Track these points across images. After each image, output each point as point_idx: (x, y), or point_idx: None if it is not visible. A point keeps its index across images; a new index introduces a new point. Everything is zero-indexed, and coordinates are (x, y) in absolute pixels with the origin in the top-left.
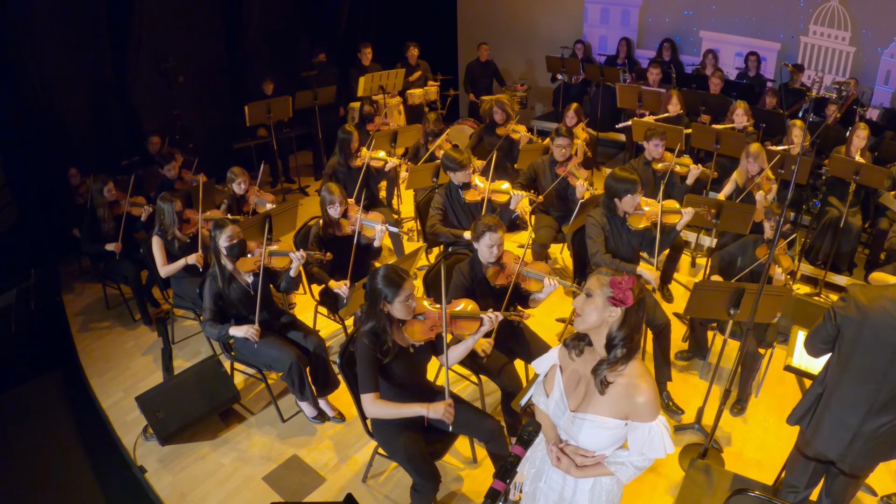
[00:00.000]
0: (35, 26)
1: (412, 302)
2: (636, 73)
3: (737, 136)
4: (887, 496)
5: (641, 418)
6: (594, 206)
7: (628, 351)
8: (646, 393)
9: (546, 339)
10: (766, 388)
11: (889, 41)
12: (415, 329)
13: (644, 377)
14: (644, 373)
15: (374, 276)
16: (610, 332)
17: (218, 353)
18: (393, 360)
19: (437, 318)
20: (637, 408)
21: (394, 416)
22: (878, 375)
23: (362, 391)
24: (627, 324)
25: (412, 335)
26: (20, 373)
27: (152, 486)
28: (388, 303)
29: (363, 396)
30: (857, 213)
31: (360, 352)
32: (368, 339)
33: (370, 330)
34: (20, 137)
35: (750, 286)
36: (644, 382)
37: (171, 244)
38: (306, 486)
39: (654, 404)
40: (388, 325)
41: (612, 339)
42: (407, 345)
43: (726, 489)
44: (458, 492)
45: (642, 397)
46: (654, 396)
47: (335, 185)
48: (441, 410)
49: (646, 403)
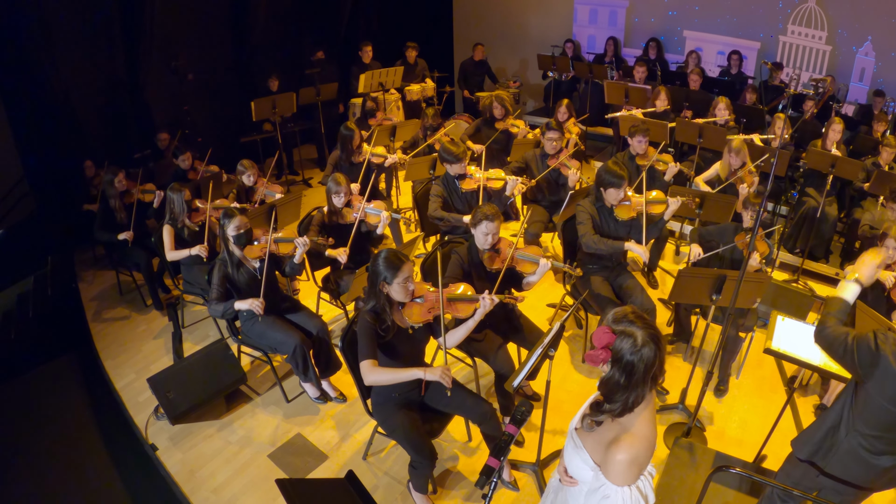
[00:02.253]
0: (53, 28)
1: (410, 284)
2: (623, 70)
3: (719, 130)
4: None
5: (609, 476)
6: (583, 197)
7: (622, 410)
8: (626, 453)
9: (538, 323)
10: (746, 370)
11: (863, 40)
12: (413, 311)
13: (635, 437)
14: (640, 432)
15: (376, 258)
16: (604, 378)
17: (225, 336)
18: (393, 339)
19: (434, 301)
20: (611, 463)
21: (391, 381)
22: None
23: (361, 359)
24: (618, 383)
25: (410, 317)
26: (38, 355)
27: (163, 462)
28: (388, 284)
29: (361, 364)
30: (833, 203)
31: (361, 326)
32: (370, 316)
33: (371, 309)
34: (38, 132)
35: (731, 273)
36: (630, 444)
37: (180, 232)
38: (309, 463)
39: (626, 469)
40: (388, 305)
41: (606, 388)
42: (406, 326)
43: (709, 466)
44: (454, 469)
45: (620, 455)
46: (631, 463)
47: (342, 175)
48: (438, 373)
49: (620, 463)
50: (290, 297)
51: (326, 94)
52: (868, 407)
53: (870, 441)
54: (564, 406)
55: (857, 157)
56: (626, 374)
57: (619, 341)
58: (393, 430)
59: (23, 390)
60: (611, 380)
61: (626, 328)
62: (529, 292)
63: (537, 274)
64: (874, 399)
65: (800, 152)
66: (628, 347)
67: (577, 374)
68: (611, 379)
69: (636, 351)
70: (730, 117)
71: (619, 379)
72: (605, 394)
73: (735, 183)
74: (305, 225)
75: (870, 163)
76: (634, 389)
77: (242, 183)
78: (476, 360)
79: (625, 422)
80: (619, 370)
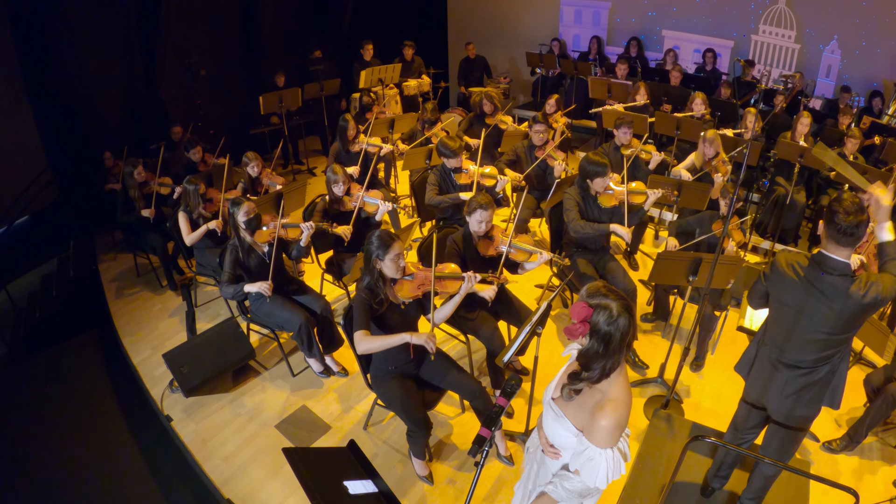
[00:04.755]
0: (75, 29)
1: (401, 262)
2: (606, 67)
3: (695, 123)
4: (829, 442)
5: (593, 439)
6: (569, 185)
7: (599, 376)
8: (609, 418)
9: (526, 302)
10: (720, 347)
11: (829, 39)
12: (404, 287)
13: (617, 403)
14: (620, 398)
15: (370, 238)
16: (583, 350)
17: (235, 315)
18: (387, 313)
19: (423, 279)
20: (596, 429)
21: (381, 347)
22: (785, 331)
23: (354, 329)
24: (597, 353)
25: (401, 292)
26: (61, 332)
27: (177, 432)
28: (380, 260)
29: (355, 334)
30: (802, 191)
31: (356, 300)
32: (365, 291)
33: (366, 285)
34: (61, 126)
35: (707, 256)
36: (613, 409)
37: (196, 222)
38: (314, 433)
39: (611, 433)
40: (381, 281)
41: (585, 358)
42: (398, 302)
43: (685, 435)
44: (448, 440)
45: (605, 421)
46: (616, 426)
47: (339, 166)
48: (423, 338)
49: (605, 428)
50: (295, 278)
51: (329, 90)
52: (774, 319)
53: (774, 352)
54: (551, 380)
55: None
56: (604, 344)
57: (596, 314)
58: (391, 402)
59: (47, 365)
60: (589, 350)
61: (601, 301)
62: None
63: (534, 264)
64: (775, 307)
65: (770, 143)
66: (605, 319)
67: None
68: (590, 350)
69: (612, 321)
70: (706, 111)
71: (598, 349)
72: (584, 364)
73: (710, 172)
74: (310, 211)
75: (836, 153)
76: (612, 357)
77: (248, 174)
78: (469, 338)
79: (602, 387)
80: (598, 341)
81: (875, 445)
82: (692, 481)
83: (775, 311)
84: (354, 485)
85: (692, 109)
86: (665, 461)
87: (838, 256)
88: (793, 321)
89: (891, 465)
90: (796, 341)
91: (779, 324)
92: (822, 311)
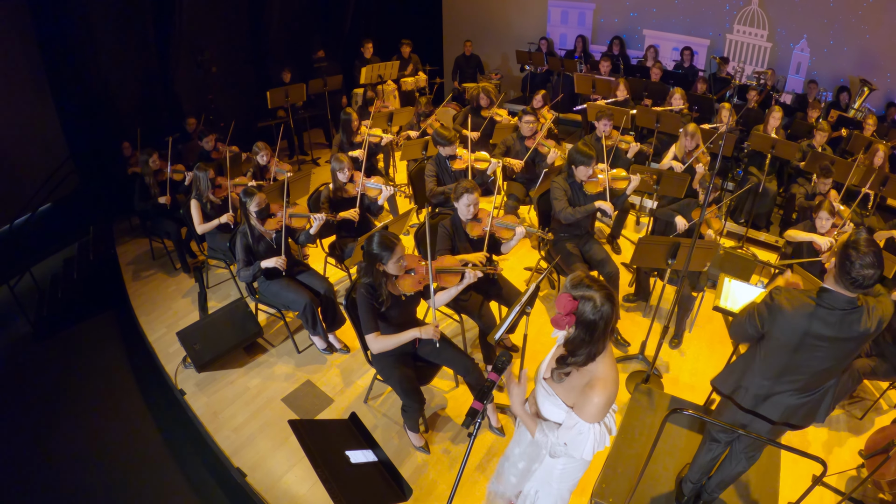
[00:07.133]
0: (95, 27)
1: (403, 262)
2: (590, 64)
3: (674, 116)
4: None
5: (583, 415)
6: (557, 174)
7: (585, 360)
8: (600, 396)
9: (516, 284)
10: (698, 325)
11: (799, 38)
12: (406, 282)
13: (606, 381)
14: (609, 375)
15: (371, 240)
16: (570, 337)
17: (245, 295)
18: (389, 307)
19: (424, 274)
20: (588, 405)
21: (395, 345)
22: (780, 368)
23: (365, 332)
24: (583, 340)
25: (403, 287)
26: (81, 312)
27: (190, 405)
28: (384, 264)
29: (367, 337)
30: (773, 180)
31: (360, 301)
32: (366, 290)
33: (368, 284)
34: (82, 118)
35: (685, 241)
36: (603, 387)
37: (205, 206)
38: (318, 405)
39: (601, 409)
40: (384, 280)
41: (572, 345)
42: (399, 294)
43: (665, 408)
44: (443, 413)
45: (597, 398)
46: (606, 403)
47: (344, 154)
48: (430, 331)
49: (597, 405)
50: (301, 261)
51: (332, 85)
52: (769, 356)
53: (763, 388)
54: (540, 357)
55: (795, 140)
56: (589, 332)
57: (581, 305)
58: (388, 378)
59: (68, 343)
60: (576, 338)
61: (585, 293)
62: (510, 257)
63: (514, 239)
64: (773, 346)
65: (744, 136)
66: (590, 309)
67: (551, 328)
68: (576, 338)
69: (597, 310)
70: (684, 106)
71: (584, 337)
72: (571, 350)
73: (692, 164)
74: (315, 199)
75: (805, 145)
76: (596, 343)
77: (257, 162)
78: (462, 317)
79: (591, 368)
80: (584, 330)
81: (842, 418)
82: (671, 451)
83: (771, 349)
84: (356, 454)
85: (671, 104)
86: (646, 432)
87: (844, 294)
88: (791, 358)
89: (857, 437)
90: (794, 375)
91: (770, 361)
92: (835, 347)
